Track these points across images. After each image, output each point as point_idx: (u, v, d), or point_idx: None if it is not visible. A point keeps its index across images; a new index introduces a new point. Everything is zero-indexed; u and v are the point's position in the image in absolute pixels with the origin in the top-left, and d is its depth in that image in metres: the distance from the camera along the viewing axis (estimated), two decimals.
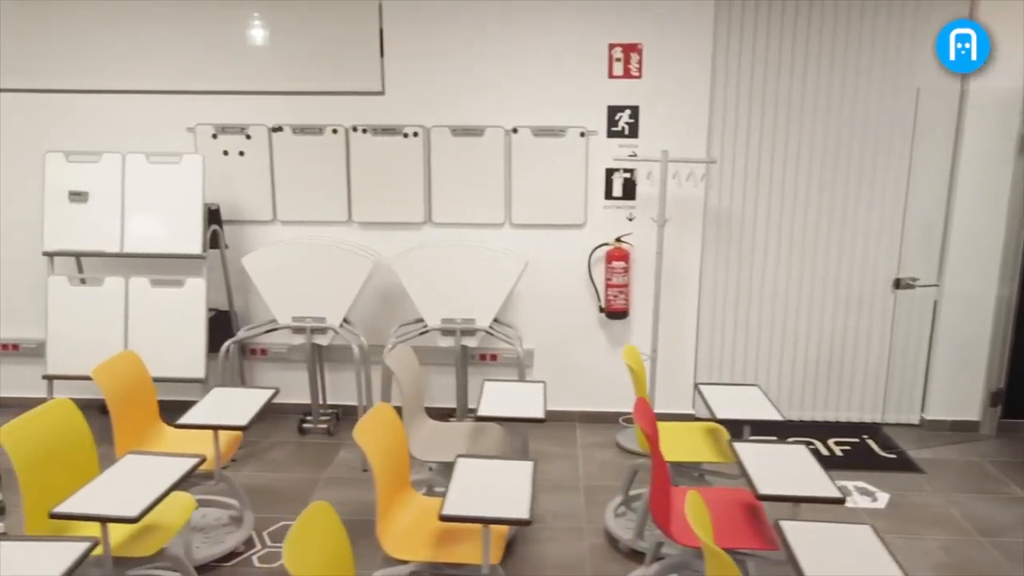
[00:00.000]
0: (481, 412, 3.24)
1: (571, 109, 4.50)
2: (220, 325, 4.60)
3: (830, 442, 4.56)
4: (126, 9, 4.47)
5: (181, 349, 4.33)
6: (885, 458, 4.39)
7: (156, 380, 4.33)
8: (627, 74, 4.46)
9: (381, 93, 4.54)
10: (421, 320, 4.48)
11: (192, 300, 4.34)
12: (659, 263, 4.41)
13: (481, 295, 4.37)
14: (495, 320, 4.43)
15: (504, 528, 2.75)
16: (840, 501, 2.54)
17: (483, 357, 4.82)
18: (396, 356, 3.47)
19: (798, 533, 2.31)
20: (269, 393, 3.46)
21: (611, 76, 4.47)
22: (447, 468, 3.44)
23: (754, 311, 4.73)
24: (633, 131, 4.51)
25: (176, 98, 4.57)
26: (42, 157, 4.41)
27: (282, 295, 4.40)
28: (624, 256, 4.56)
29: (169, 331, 4.34)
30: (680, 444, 3.49)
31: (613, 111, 4.50)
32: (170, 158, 4.35)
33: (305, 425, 4.72)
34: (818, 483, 2.65)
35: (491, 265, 4.37)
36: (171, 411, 4.78)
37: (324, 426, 4.70)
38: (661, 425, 3.39)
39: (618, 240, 4.60)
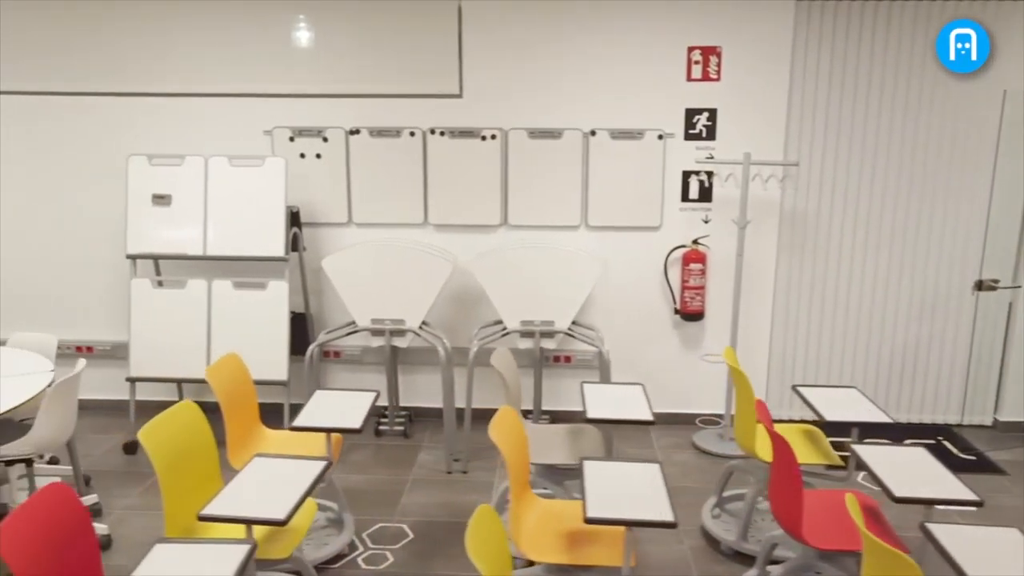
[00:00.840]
0: (590, 415, 3.24)
1: (649, 111, 4.52)
2: (297, 328, 4.61)
3: (905, 444, 4.55)
4: (205, 13, 4.48)
5: (264, 352, 4.34)
6: (964, 460, 4.39)
7: None
8: (705, 77, 4.47)
9: (459, 96, 4.55)
10: (500, 322, 4.49)
11: (275, 303, 4.36)
12: (739, 265, 4.42)
13: (560, 297, 4.38)
14: (573, 322, 4.44)
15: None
16: (979, 504, 2.55)
17: (556, 359, 4.83)
18: (500, 358, 3.48)
19: (949, 536, 2.31)
20: (372, 395, 3.47)
21: (689, 79, 4.48)
22: (548, 470, 3.46)
23: (828, 313, 4.74)
24: (710, 133, 4.53)
25: (254, 101, 4.58)
26: (125, 160, 4.42)
27: (361, 297, 4.41)
28: (701, 258, 4.58)
29: (251, 334, 4.35)
30: None
31: (691, 114, 4.52)
32: (252, 161, 4.37)
33: (381, 427, 4.73)
34: (949, 485, 2.66)
35: (570, 267, 4.38)
36: (263, 413, 4.83)
37: (400, 428, 4.71)
38: (756, 428, 3.40)
39: (695, 242, 4.61)
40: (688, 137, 4.54)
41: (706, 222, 4.64)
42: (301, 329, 4.65)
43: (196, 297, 4.37)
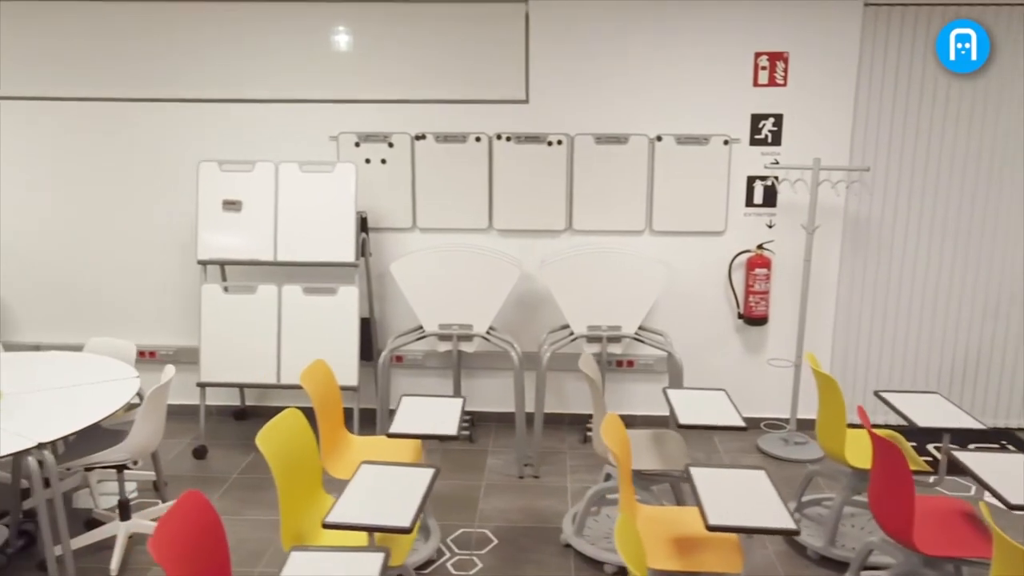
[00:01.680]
0: (682, 421, 3.25)
1: (714, 117, 4.53)
2: (362, 333, 4.62)
3: (970, 448, 4.57)
4: (274, 20, 4.50)
5: (334, 357, 4.32)
6: None
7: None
8: (772, 82, 4.49)
9: (525, 101, 4.57)
10: (567, 327, 4.51)
11: (345, 308, 4.37)
12: (807, 269, 4.43)
13: (627, 302, 4.40)
14: (639, 327, 4.46)
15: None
16: None
17: (619, 364, 4.84)
18: (587, 362, 3.50)
19: None
20: (459, 401, 3.48)
21: (756, 84, 4.49)
22: (634, 475, 3.47)
23: (891, 317, 4.75)
24: (776, 139, 4.54)
25: (320, 107, 4.60)
26: (196, 166, 4.44)
27: (429, 302, 4.43)
28: (766, 263, 4.59)
29: (321, 339, 4.37)
30: (865, 452, 3.50)
31: (757, 119, 4.53)
32: (323, 166, 4.39)
33: None
34: None
35: (637, 272, 4.40)
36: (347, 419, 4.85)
37: (466, 433, 4.73)
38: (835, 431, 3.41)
39: (760, 247, 4.63)
40: (753, 142, 4.56)
41: (770, 227, 4.65)
42: (366, 334, 4.67)
43: (266, 303, 4.38)
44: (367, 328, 4.71)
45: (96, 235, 4.80)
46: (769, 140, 4.55)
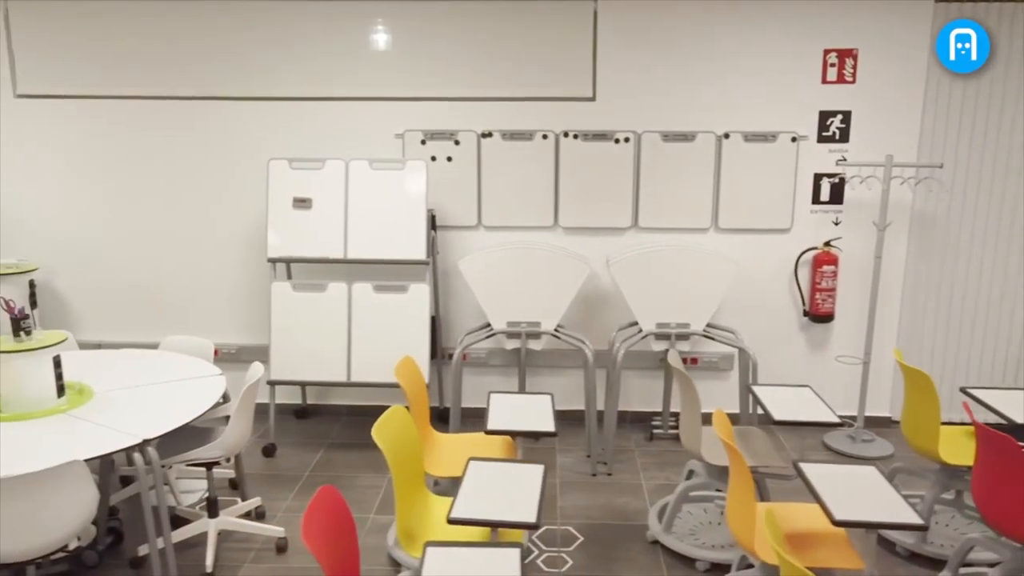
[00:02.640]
0: (777, 417, 3.25)
1: (782, 114, 4.53)
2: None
3: None
4: (340, 19, 4.49)
5: (406, 354, 4.33)
6: None
7: (379, 386, 4.39)
8: (841, 79, 4.48)
9: (592, 99, 4.57)
10: (635, 324, 4.50)
11: (416, 306, 4.37)
12: (877, 267, 4.42)
13: (696, 299, 4.39)
14: (707, 324, 4.45)
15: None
16: None
17: (683, 361, 4.82)
18: (675, 359, 3.49)
19: None
20: (548, 398, 3.48)
21: (824, 81, 4.49)
22: (718, 471, 3.46)
23: (955, 314, 4.74)
24: (844, 136, 4.54)
25: (385, 104, 4.60)
26: (266, 164, 4.44)
27: (497, 300, 4.42)
28: (833, 260, 4.58)
29: (392, 337, 4.36)
30: (957, 448, 3.49)
31: (825, 116, 4.52)
32: (393, 164, 4.38)
33: None
34: None
35: (706, 269, 4.38)
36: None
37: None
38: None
39: (827, 244, 4.62)
40: (821, 139, 4.55)
41: (836, 224, 4.64)
42: (432, 332, 4.65)
43: (336, 300, 4.38)
44: (433, 326, 4.70)
45: (164, 234, 4.80)
46: (837, 137, 4.54)
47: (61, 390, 3.17)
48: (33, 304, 4.69)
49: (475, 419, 4.79)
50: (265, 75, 4.58)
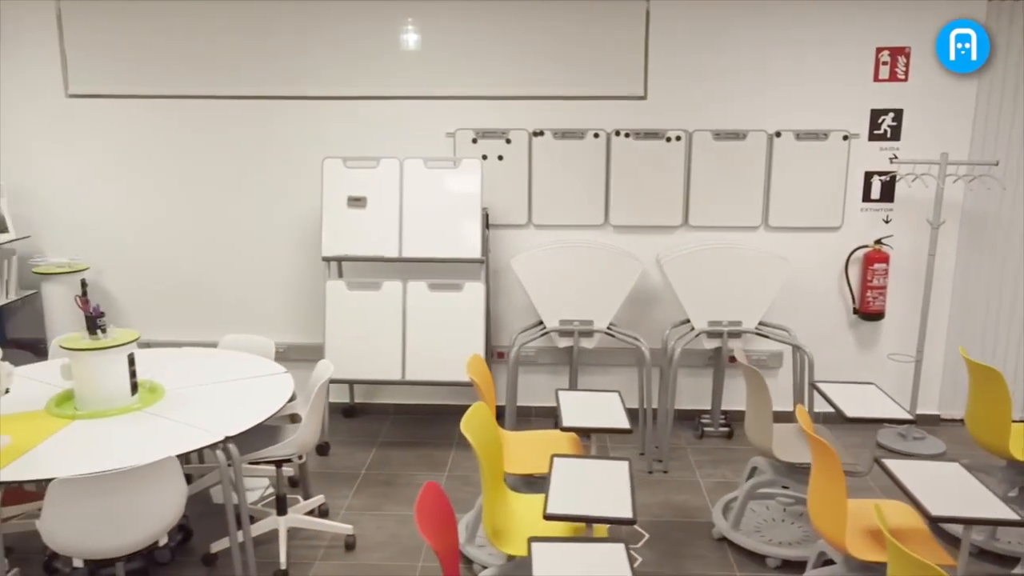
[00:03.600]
0: (849, 415, 3.25)
1: (834, 112, 4.53)
2: None
3: None
4: (390, 18, 4.51)
5: (459, 353, 4.34)
6: None
7: (434, 384, 4.40)
8: (893, 77, 4.49)
9: (643, 98, 4.57)
10: (687, 321, 4.51)
11: (471, 304, 4.37)
12: (930, 264, 4.43)
13: (748, 296, 4.40)
14: (760, 322, 4.46)
15: None
16: None
17: (731, 359, 4.83)
18: (741, 357, 3.50)
19: None
20: (615, 395, 3.49)
21: (876, 79, 4.50)
22: (787, 468, 3.47)
23: (1005, 313, 4.74)
24: (895, 134, 4.54)
25: (436, 103, 4.61)
26: (320, 163, 4.45)
27: (550, 298, 4.43)
28: (885, 258, 4.59)
29: (447, 335, 4.37)
30: None
31: (876, 114, 4.53)
32: (448, 162, 4.39)
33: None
34: None
35: (759, 266, 4.39)
36: (444, 415, 4.87)
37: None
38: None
39: (878, 242, 4.62)
40: (872, 138, 4.56)
41: (887, 222, 4.65)
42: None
43: (391, 299, 4.38)
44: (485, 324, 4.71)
45: (215, 233, 4.81)
46: (888, 135, 4.55)
47: (134, 388, 3.18)
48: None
49: (524, 417, 4.81)
50: (317, 74, 4.59)
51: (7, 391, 2.91)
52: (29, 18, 4.58)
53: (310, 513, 3.70)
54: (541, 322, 4.52)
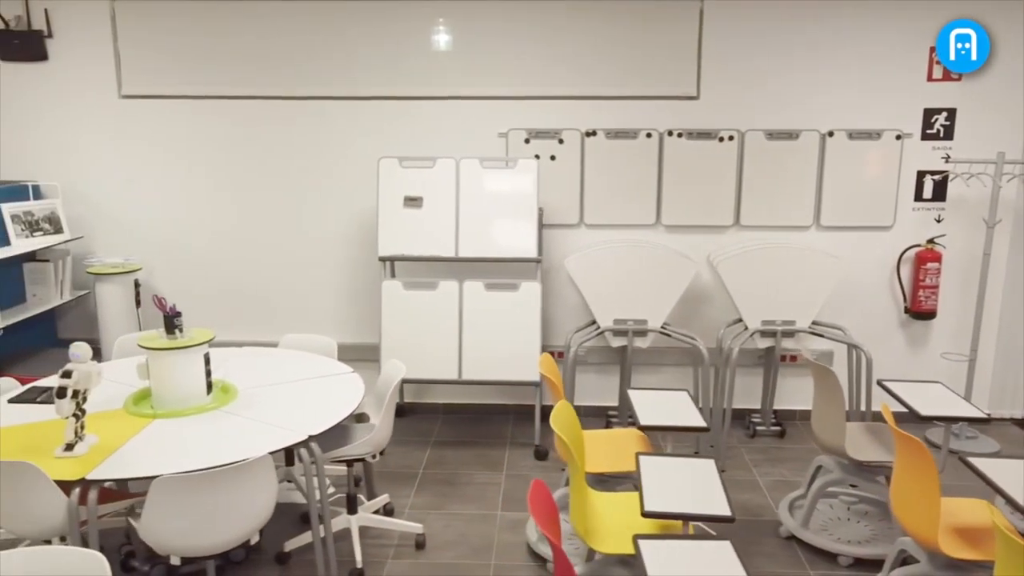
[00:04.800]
0: (924, 413, 3.26)
1: (887, 112, 4.54)
2: None
3: None
4: (443, 19, 4.52)
5: (516, 353, 4.37)
6: None
7: (492, 384, 4.42)
8: (946, 76, 4.49)
9: (696, 98, 4.58)
10: (739, 321, 4.52)
11: (527, 304, 4.38)
12: (985, 264, 4.43)
13: (801, 296, 4.41)
14: (813, 321, 4.47)
15: None
16: None
17: (782, 358, 4.84)
18: (809, 355, 3.50)
19: None
20: (684, 394, 3.50)
21: (930, 79, 4.50)
22: (859, 467, 3.47)
23: None
24: (948, 133, 4.55)
25: (489, 103, 4.62)
26: (372, 163, 4.46)
27: (604, 297, 4.44)
28: (937, 257, 4.60)
29: (503, 335, 4.38)
30: None
31: (929, 113, 4.54)
32: (504, 162, 4.40)
33: (612, 423, 4.76)
34: None
35: (812, 266, 4.40)
36: (494, 414, 4.89)
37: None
38: None
39: (931, 242, 4.63)
40: (925, 137, 4.57)
41: (938, 221, 4.66)
42: None
43: (448, 299, 4.40)
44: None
45: (268, 233, 4.82)
46: (941, 135, 4.55)
47: (209, 387, 3.19)
48: (138, 303, 4.71)
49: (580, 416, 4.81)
50: (369, 74, 4.60)
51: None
52: (82, 18, 4.60)
53: (376, 512, 3.70)
54: (594, 322, 4.53)
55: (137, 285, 4.72)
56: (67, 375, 2.70)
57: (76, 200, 4.77)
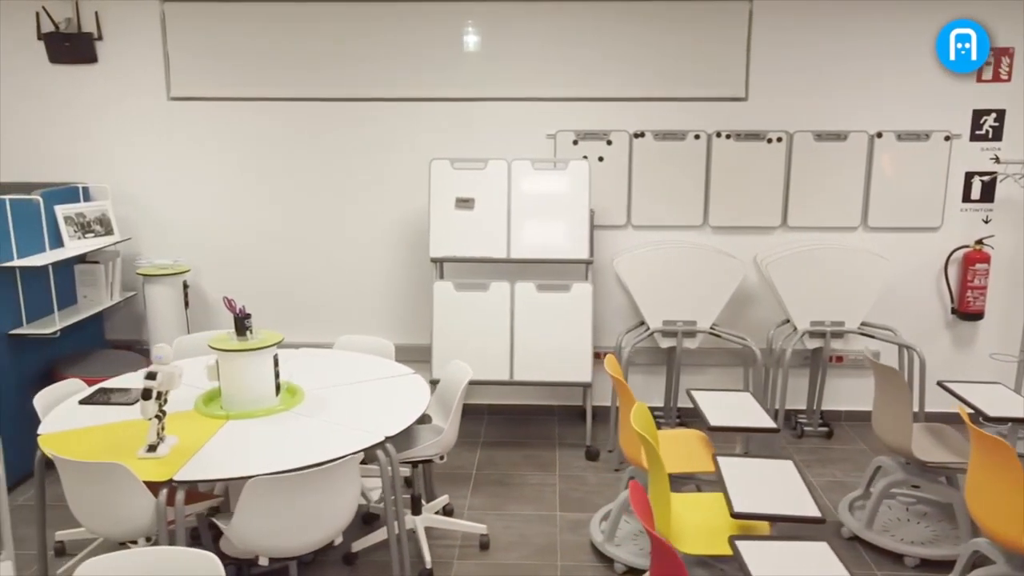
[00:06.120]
0: (991, 414, 3.26)
1: (935, 113, 4.55)
2: None
3: None
4: (492, 20, 4.53)
5: (567, 354, 4.38)
6: None
7: (544, 385, 4.43)
8: (996, 78, 4.50)
9: (744, 99, 4.59)
10: (787, 321, 4.53)
11: (578, 305, 4.39)
12: None
13: (850, 297, 4.42)
14: (862, 322, 4.48)
15: None
16: None
17: (829, 359, 4.84)
18: (874, 356, 3.51)
19: None
20: (748, 395, 3.50)
21: (980, 80, 4.51)
22: (920, 468, 3.48)
23: None
24: (997, 134, 4.55)
25: (537, 105, 4.63)
26: (424, 165, 4.47)
27: (653, 298, 4.45)
28: (986, 258, 4.60)
29: (555, 336, 4.38)
30: None
31: (978, 114, 4.54)
32: (556, 164, 4.41)
33: (661, 424, 4.77)
34: None
35: (861, 267, 4.41)
36: (539, 415, 4.90)
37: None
38: None
39: (979, 243, 4.63)
40: (974, 138, 4.57)
41: (986, 222, 4.66)
42: None
43: (499, 300, 4.40)
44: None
45: (318, 234, 4.82)
46: (990, 135, 4.56)
47: (278, 389, 3.20)
48: (186, 305, 4.73)
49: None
50: (417, 76, 4.61)
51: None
52: (132, 21, 4.62)
53: (437, 513, 3.71)
54: (642, 322, 4.55)
55: (186, 286, 4.73)
56: (151, 376, 2.71)
57: (123, 201, 4.78)
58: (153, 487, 2.56)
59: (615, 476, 4.20)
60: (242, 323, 3.16)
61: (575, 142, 4.65)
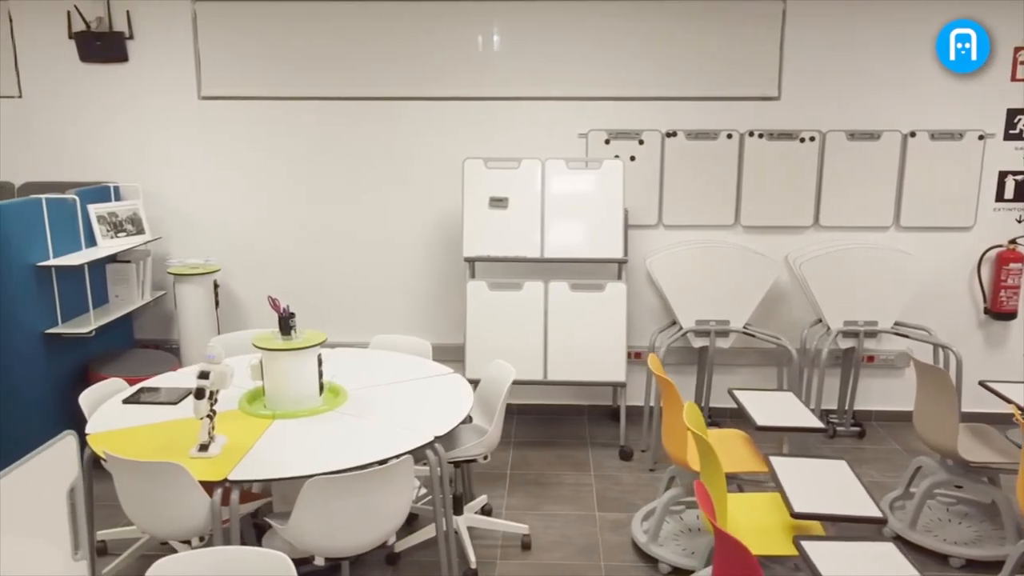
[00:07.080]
0: None
1: (969, 112, 4.53)
2: None
3: None
4: (523, 19, 4.52)
5: (601, 353, 4.37)
6: None
7: (579, 384, 4.42)
8: None
9: (776, 98, 4.58)
10: (820, 321, 4.52)
11: (612, 304, 4.38)
12: None
13: (883, 296, 4.41)
14: (895, 322, 4.47)
15: None
16: None
17: (868, 359, 4.83)
18: (919, 356, 3.50)
19: None
20: (790, 395, 3.49)
21: (1014, 79, 4.49)
22: (962, 468, 3.46)
23: None
24: None
25: (569, 104, 4.62)
26: (457, 164, 4.46)
27: (686, 298, 4.44)
28: (1020, 258, 4.59)
29: (588, 335, 4.37)
30: None
31: (1012, 114, 4.53)
32: (590, 163, 4.40)
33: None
34: None
35: (895, 266, 4.40)
36: (569, 415, 4.89)
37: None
38: None
39: (1012, 242, 4.62)
40: (1008, 137, 4.56)
41: (1020, 222, 4.65)
42: None
43: (533, 299, 4.39)
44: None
45: (350, 233, 4.81)
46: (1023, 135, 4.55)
47: (321, 388, 3.20)
48: (216, 304, 4.72)
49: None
50: (449, 75, 4.60)
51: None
52: (164, 20, 4.61)
53: (476, 513, 3.70)
54: (674, 322, 4.54)
55: (216, 286, 4.72)
56: (204, 376, 2.70)
57: (153, 201, 4.77)
58: (207, 486, 2.55)
59: (650, 476, 4.19)
60: (287, 322, 3.15)
61: (607, 141, 4.64)
